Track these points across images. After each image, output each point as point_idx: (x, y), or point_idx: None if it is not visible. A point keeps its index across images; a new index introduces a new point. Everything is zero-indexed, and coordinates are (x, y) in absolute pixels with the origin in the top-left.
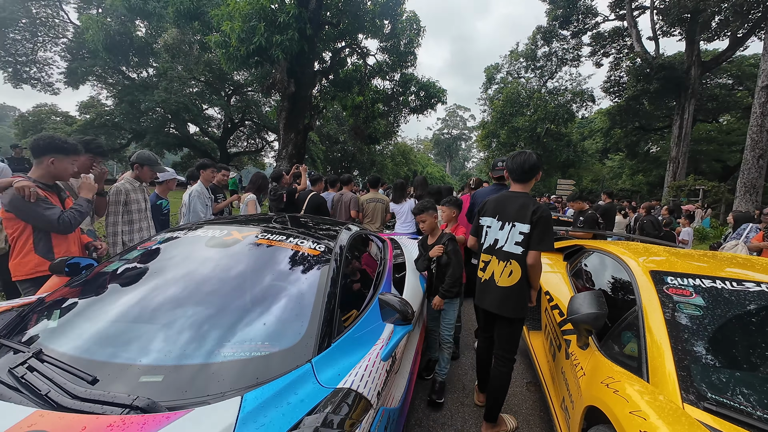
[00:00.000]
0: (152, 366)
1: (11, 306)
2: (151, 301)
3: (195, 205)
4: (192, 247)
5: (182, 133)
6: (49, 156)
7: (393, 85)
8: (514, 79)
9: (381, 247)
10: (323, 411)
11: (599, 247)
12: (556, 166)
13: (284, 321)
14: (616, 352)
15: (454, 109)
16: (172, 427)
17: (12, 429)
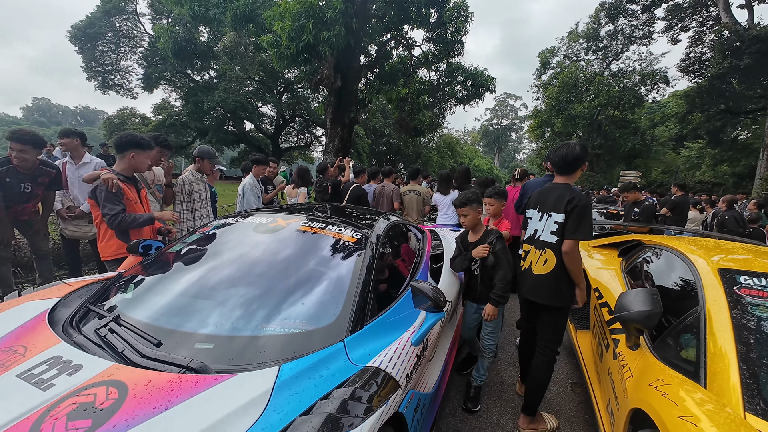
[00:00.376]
0: (206, 335)
1: (97, 279)
2: (207, 280)
3: (248, 196)
4: (242, 233)
5: (239, 130)
6: (130, 151)
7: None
8: (573, 63)
9: (419, 238)
10: (352, 385)
11: (661, 243)
12: (620, 156)
13: (321, 302)
14: (670, 355)
15: (504, 98)
16: (219, 388)
17: (96, 377)
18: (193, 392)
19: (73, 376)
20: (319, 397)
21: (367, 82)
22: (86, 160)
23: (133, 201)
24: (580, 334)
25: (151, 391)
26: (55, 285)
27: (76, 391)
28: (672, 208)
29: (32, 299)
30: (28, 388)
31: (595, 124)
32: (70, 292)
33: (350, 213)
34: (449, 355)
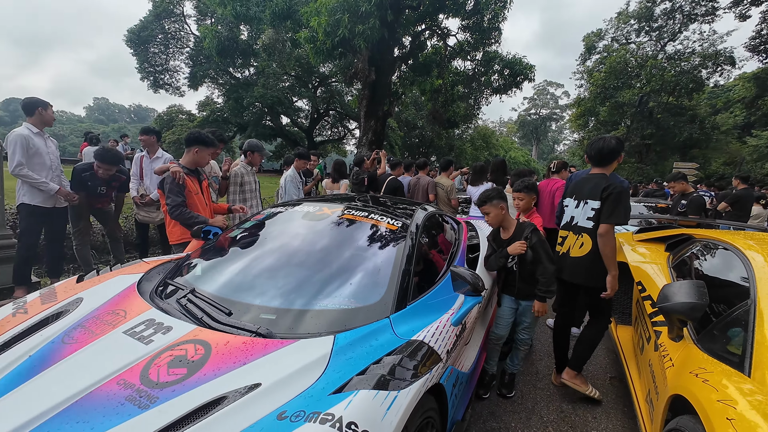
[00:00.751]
0: (268, 308)
1: (169, 259)
2: (266, 260)
3: (289, 187)
4: (293, 220)
5: (276, 124)
6: (195, 146)
7: (474, 65)
8: (621, 46)
9: (455, 228)
10: (400, 354)
11: (713, 237)
12: (674, 146)
13: (367, 283)
14: (715, 347)
15: (544, 86)
16: (285, 350)
17: (184, 336)
18: (264, 352)
19: (166, 335)
20: (372, 362)
21: (400, 74)
22: (159, 155)
23: (194, 192)
24: (620, 328)
25: (230, 350)
26: (137, 263)
27: (170, 347)
28: (733, 203)
29: (122, 273)
30: (134, 342)
31: (645, 111)
32: (150, 269)
33: (390, 203)
34: (483, 342)
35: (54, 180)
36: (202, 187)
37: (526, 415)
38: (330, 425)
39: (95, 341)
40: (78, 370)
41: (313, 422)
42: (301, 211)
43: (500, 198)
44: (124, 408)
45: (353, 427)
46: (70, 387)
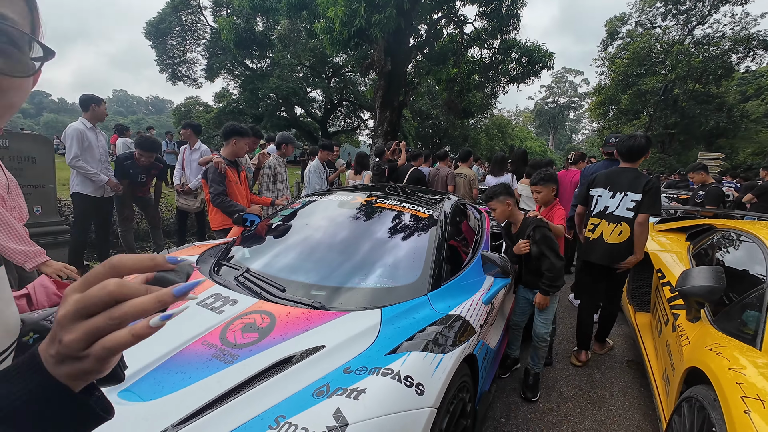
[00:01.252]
0: (318, 285)
1: (216, 243)
2: (310, 244)
3: (313, 177)
4: (330, 208)
5: (290, 115)
6: (233, 138)
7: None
8: (646, 31)
9: (478, 217)
10: (441, 325)
11: (734, 227)
12: (699, 136)
13: (405, 265)
14: (730, 326)
15: (563, 74)
16: (339, 320)
17: (250, 308)
18: (322, 321)
19: (234, 306)
20: (417, 330)
21: (416, 63)
22: (197, 147)
23: (234, 182)
24: (638, 315)
25: (292, 319)
26: (189, 246)
27: (239, 316)
28: (759, 194)
29: (180, 255)
30: (207, 312)
31: (669, 100)
32: (203, 252)
33: (417, 193)
34: (505, 327)
35: (103, 171)
36: (240, 177)
37: (546, 392)
38: (391, 377)
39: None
40: (166, 334)
41: (376, 375)
42: (336, 200)
43: (506, 194)
44: (212, 363)
45: (410, 379)
46: (164, 346)
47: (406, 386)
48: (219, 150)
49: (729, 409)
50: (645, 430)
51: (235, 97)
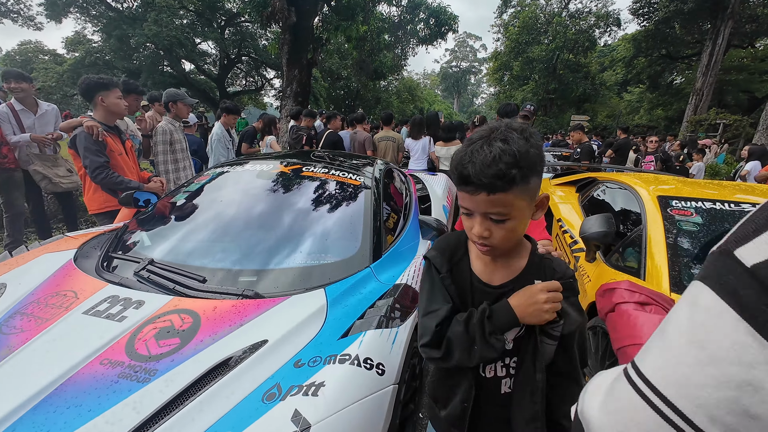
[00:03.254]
0: (247, 270)
1: (98, 232)
2: (228, 222)
3: (216, 147)
4: (248, 179)
5: (178, 71)
6: (97, 94)
7: (400, 11)
8: (533, 1)
9: (405, 181)
10: (390, 296)
11: (611, 178)
12: (571, 101)
13: (342, 237)
14: (620, 263)
15: (464, 39)
16: (280, 307)
17: (162, 308)
18: (259, 311)
19: (140, 309)
20: (368, 306)
21: (323, 17)
22: (44, 109)
23: (117, 152)
24: None
25: (221, 314)
26: (59, 239)
27: (150, 320)
28: (616, 150)
29: (45, 252)
30: (102, 321)
31: (551, 68)
32: (83, 243)
33: (343, 159)
34: None
35: None
36: (126, 147)
37: None
38: (349, 363)
39: (50, 327)
40: (42, 359)
41: (332, 363)
42: (253, 170)
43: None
44: (120, 385)
45: (369, 361)
46: (41, 377)
47: (366, 369)
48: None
49: None
50: None
51: (96, 44)
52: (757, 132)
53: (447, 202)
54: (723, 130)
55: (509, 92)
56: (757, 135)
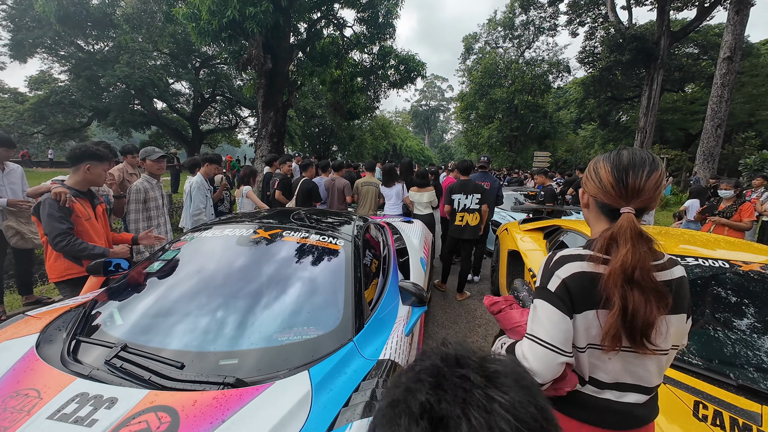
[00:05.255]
0: (228, 351)
1: (65, 308)
2: (206, 296)
3: (196, 196)
4: (228, 246)
5: (149, 110)
6: (85, 163)
7: (372, 58)
8: (492, 49)
9: (383, 234)
10: (375, 377)
11: (572, 227)
12: (533, 137)
13: (324, 308)
14: None
15: (432, 80)
16: (263, 397)
17: (137, 406)
18: (241, 404)
19: (112, 409)
20: (352, 390)
21: (298, 62)
22: (11, 168)
23: (85, 218)
24: None
25: (201, 410)
26: (19, 320)
27: (125, 422)
28: (576, 189)
29: (2, 338)
30: (68, 427)
31: (512, 108)
32: (46, 325)
33: (321, 218)
34: (419, 338)
35: None
36: (97, 211)
37: None
38: None
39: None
40: None
41: None
42: (233, 234)
43: None
44: None
45: None
46: None
47: None
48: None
49: None
50: None
51: (63, 84)
52: (696, 164)
53: (424, 252)
54: (667, 164)
55: (476, 129)
56: (696, 167)
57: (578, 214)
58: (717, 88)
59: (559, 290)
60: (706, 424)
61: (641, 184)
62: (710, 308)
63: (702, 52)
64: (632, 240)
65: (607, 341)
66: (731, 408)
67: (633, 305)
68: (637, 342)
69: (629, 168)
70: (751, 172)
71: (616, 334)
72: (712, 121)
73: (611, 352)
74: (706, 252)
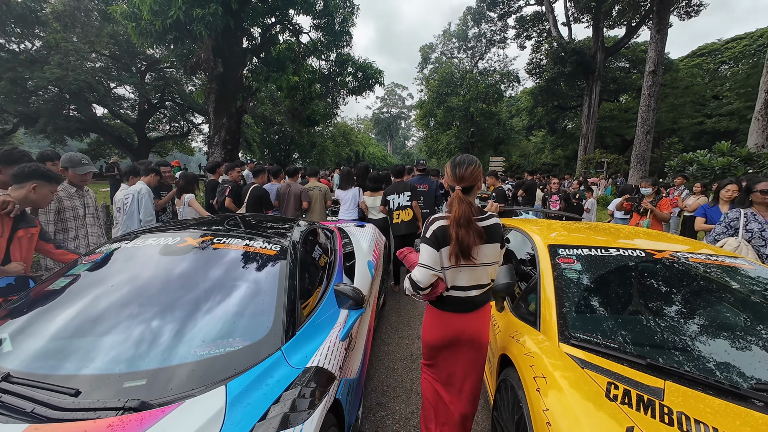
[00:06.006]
0: (132, 373)
1: None
2: (115, 313)
3: (147, 204)
4: (147, 256)
5: (87, 115)
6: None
7: (329, 65)
8: (448, 59)
9: (331, 239)
10: (298, 386)
11: (515, 225)
12: (489, 143)
13: (253, 317)
14: (522, 311)
15: (392, 88)
16: (169, 419)
17: None
18: (141, 429)
19: None
20: (271, 403)
21: (253, 67)
22: None
23: None
24: None
25: None
26: None
27: None
28: (525, 190)
29: None
30: None
31: (469, 115)
32: None
33: (261, 224)
34: (367, 342)
35: None
36: (16, 234)
37: (406, 396)
38: None
39: None
40: None
41: None
42: (157, 244)
43: None
44: None
45: None
46: None
47: None
48: None
49: (527, 388)
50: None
51: None
52: (631, 167)
53: (373, 256)
54: (607, 167)
55: (436, 136)
56: (631, 170)
57: (527, 214)
58: (645, 98)
59: (432, 237)
60: (616, 403)
61: (464, 173)
62: (632, 294)
63: (632, 66)
64: (458, 203)
65: (453, 259)
66: (639, 386)
67: (461, 237)
68: (467, 258)
69: (458, 165)
70: (674, 172)
71: (455, 254)
72: (642, 127)
73: (457, 267)
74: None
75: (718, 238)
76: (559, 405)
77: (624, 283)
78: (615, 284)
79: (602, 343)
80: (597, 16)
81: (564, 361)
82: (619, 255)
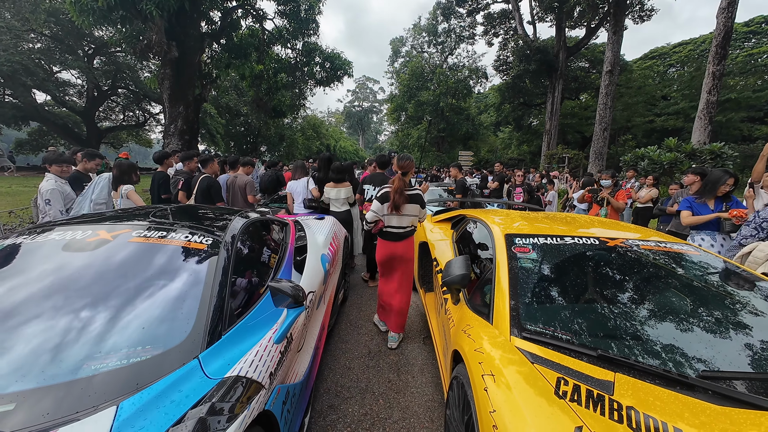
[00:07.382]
0: (5, 394)
1: None
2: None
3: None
4: (48, 255)
5: (25, 101)
6: None
7: (296, 54)
8: (418, 53)
9: (282, 232)
10: (209, 401)
11: (475, 216)
12: (458, 138)
13: (168, 321)
14: (477, 304)
15: (364, 81)
16: None
17: None
18: None
19: None
20: (171, 424)
21: (213, 53)
22: None
23: None
24: (428, 295)
25: None
26: None
27: None
28: (499, 181)
29: None
30: None
31: (439, 110)
32: None
33: (199, 215)
34: (319, 341)
35: None
36: None
37: (360, 396)
38: None
39: None
40: None
41: None
42: (61, 239)
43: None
44: None
45: None
46: None
47: None
48: None
49: (475, 387)
50: (438, 401)
51: None
52: (590, 162)
53: (329, 250)
54: (568, 162)
55: (407, 130)
56: (590, 165)
57: (492, 206)
58: (602, 97)
59: (380, 196)
60: (565, 401)
61: (402, 164)
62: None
63: (591, 66)
64: (398, 180)
65: (390, 209)
66: (588, 380)
67: (395, 199)
68: (398, 210)
69: (400, 159)
70: (627, 166)
71: (393, 206)
72: (600, 125)
73: (391, 215)
74: (583, 231)
75: (744, 243)
76: (507, 405)
77: (578, 271)
78: (569, 273)
79: (555, 336)
80: (560, 16)
81: (514, 356)
82: (574, 243)
